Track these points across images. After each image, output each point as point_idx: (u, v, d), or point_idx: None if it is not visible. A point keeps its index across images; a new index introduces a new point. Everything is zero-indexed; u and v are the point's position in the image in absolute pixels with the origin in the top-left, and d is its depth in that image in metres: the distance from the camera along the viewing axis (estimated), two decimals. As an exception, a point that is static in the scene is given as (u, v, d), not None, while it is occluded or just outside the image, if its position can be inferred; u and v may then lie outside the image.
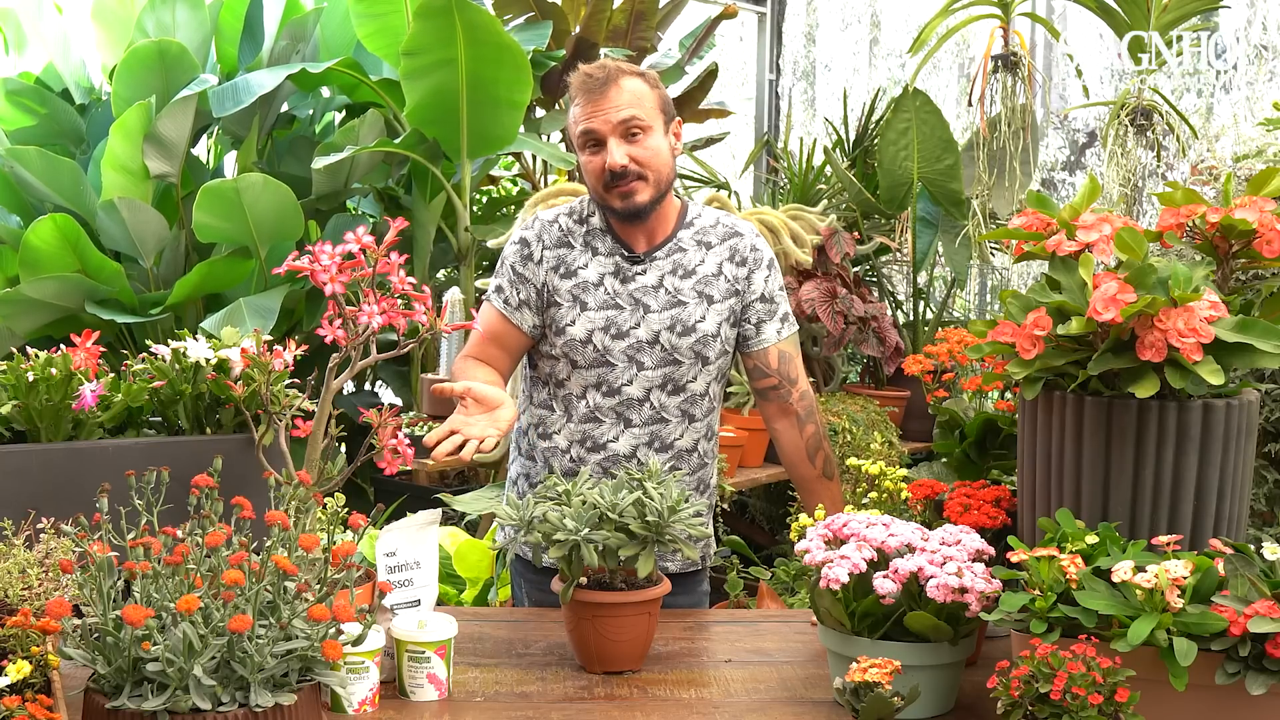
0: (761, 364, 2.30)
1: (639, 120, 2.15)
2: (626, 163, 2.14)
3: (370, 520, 1.74)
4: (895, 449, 4.38)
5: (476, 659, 1.89)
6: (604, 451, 2.23)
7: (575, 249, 2.24)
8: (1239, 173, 3.42)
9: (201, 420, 2.04)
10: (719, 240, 2.28)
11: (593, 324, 2.20)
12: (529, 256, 2.25)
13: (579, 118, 2.18)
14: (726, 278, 2.26)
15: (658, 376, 2.22)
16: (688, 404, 2.25)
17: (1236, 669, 1.41)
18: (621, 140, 2.15)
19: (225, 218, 4.15)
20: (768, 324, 2.29)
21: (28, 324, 4.14)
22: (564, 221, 2.27)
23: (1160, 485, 1.63)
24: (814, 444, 2.33)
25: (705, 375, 2.26)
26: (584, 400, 2.23)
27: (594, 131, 2.16)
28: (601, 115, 2.15)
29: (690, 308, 2.22)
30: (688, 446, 2.27)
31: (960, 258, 4.78)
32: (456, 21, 4.04)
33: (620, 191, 2.16)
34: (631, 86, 2.16)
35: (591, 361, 2.21)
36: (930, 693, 1.66)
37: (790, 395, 2.32)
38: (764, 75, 6.33)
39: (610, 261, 2.24)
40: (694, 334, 2.22)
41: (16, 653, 1.45)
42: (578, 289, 2.22)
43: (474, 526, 3.96)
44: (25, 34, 4.87)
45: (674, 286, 2.23)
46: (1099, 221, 1.71)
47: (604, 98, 2.14)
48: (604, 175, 2.16)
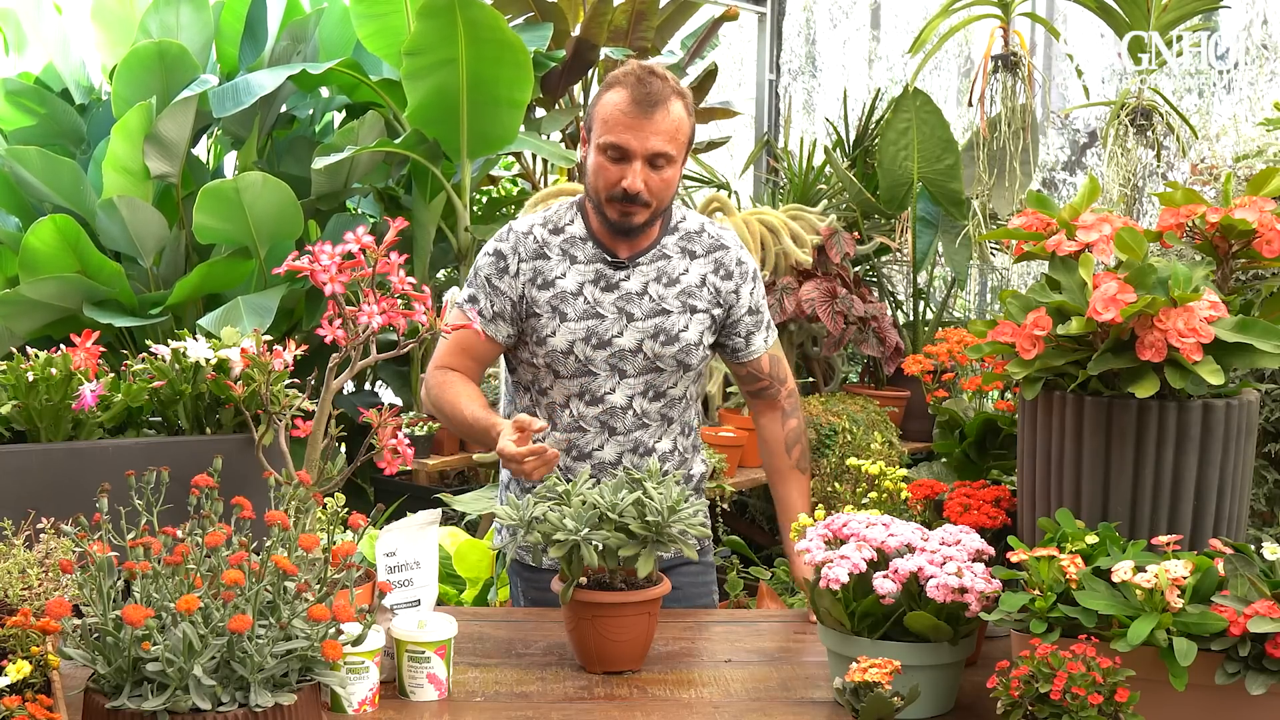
0: (755, 371, 2.34)
1: (669, 154, 2.12)
2: (642, 189, 2.12)
3: (370, 520, 1.74)
4: (895, 449, 4.38)
5: (476, 659, 1.89)
6: (590, 460, 2.25)
7: (551, 259, 2.22)
8: (1239, 173, 3.42)
9: (201, 420, 2.04)
10: (704, 251, 2.27)
11: (573, 334, 2.19)
12: (504, 269, 2.23)
13: (614, 123, 2.10)
14: (710, 289, 2.26)
15: (640, 384, 2.23)
16: (667, 408, 2.27)
17: (1236, 669, 1.41)
18: (645, 166, 2.12)
19: (225, 218, 4.15)
20: (757, 334, 2.32)
21: (27, 325, 4.14)
22: (538, 233, 2.25)
23: (1160, 485, 1.63)
24: (794, 437, 2.37)
25: (685, 381, 2.28)
26: (567, 409, 2.24)
27: (625, 148, 2.11)
28: (640, 136, 2.09)
29: (674, 317, 2.22)
30: (667, 449, 2.29)
31: (960, 258, 4.78)
32: (459, 20, 4.04)
33: (623, 210, 2.14)
34: (677, 115, 2.12)
35: (574, 371, 2.21)
36: (930, 693, 1.66)
37: (779, 393, 2.37)
38: (764, 75, 6.33)
39: (591, 269, 2.22)
40: (677, 343, 2.22)
41: (16, 653, 1.45)
42: (556, 299, 2.20)
43: (474, 526, 3.96)
44: (25, 34, 4.88)
45: (658, 294, 2.22)
46: (1099, 221, 1.71)
47: (649, 119, 2.09)
48: (614, 189, 2.13)
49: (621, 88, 2.11)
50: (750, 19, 6.29)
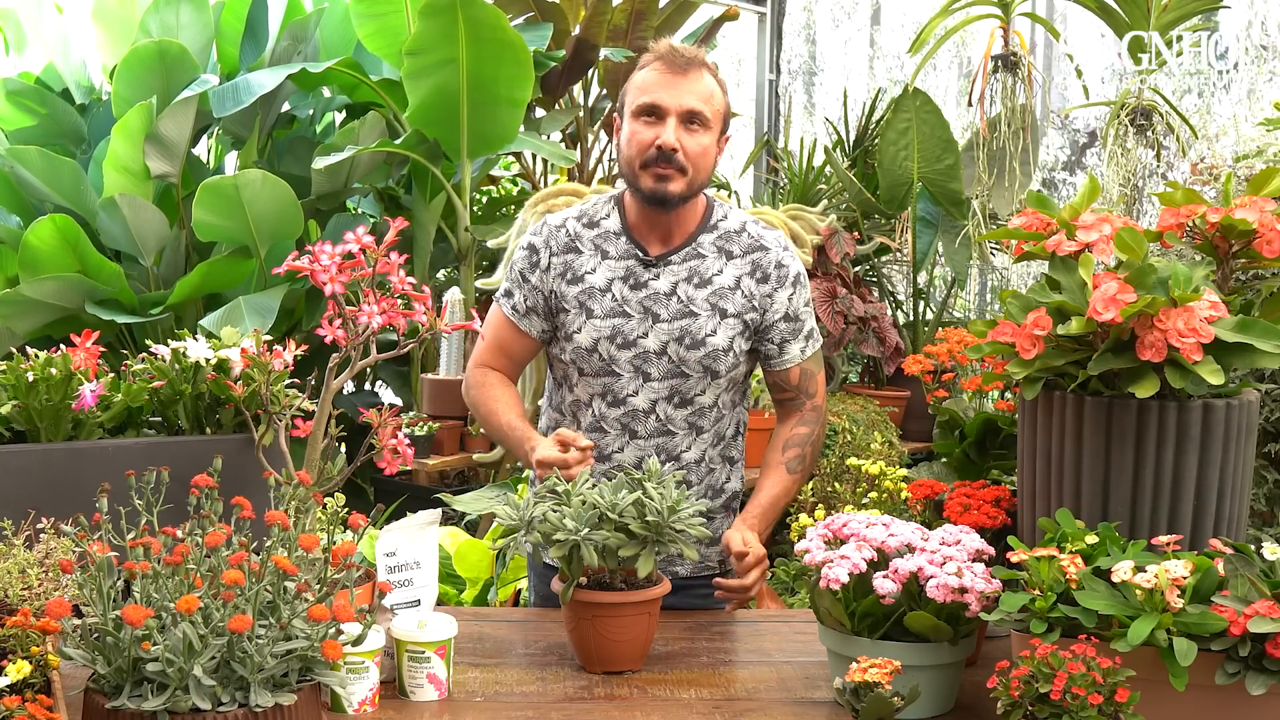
0: (782, 381, 2.25)
1: (704, 115, 2.10)
2: (678, 147, 2.08)
3: (370, 520, 1.73)
4: (895, 449, 4.38)
5: (476, 659, 1.89)
6: (610, 462, 2.19)
7: (584, 254, 2.19)
8: (1239, 173, 3.42)
9: (201, 420, 2.04)
10: (742, 252, 2.20)
11: (598, 332, 2.15)
12: (536, 263, 2.21)
13: (648, 86, 2.10)
14: (744, 293, 2.18)
15: (664, 389, 2.16)
16: (695, 416, 2.20)
17: (1236, 669, 1.41)
18: (680, 125, 2.10)
19: (225, 215, 4.15)
20: (791, 343, 2.22)
21: (27, 324, 4.14)
22: (572, 225, 2.22)
23: (1160, 485, 1.63)
24: (796, 440, 2.26)
25: (714, 389, 2.19)
26: (590, 409, 2.20)
27: (659, 106, 2.09)
28: (674, 93, 2.09)
29: (701, 320, 2.15)
30: (695, 458, 2.21)
31: (960, 258, 4.78)
32: (459, 19, 4.04)
33: (657, 173, 2.10)
34: (710, 82, 2.13)
35: (597, 370, 2.17)
36: (930, 693, 1.66)
37: (803, 404, 2.28)
38: (764, 75, 6.33)
39: (622, 266, 2.18)
40: (703, 347, 2.15)
41: (16, 653, 1.45)
42: (584, 295, 2.17)
43: (474, 526, 3.96)
44: (25, 34, 4.88)
45: (687, 295, 2.16)
46: (1099, 221, 1.71)
47: (684, 77, 2.10)
48: (649, 150, 2.09)
49: (653, 58, 2.14)
50: (750, 19, 6.29)
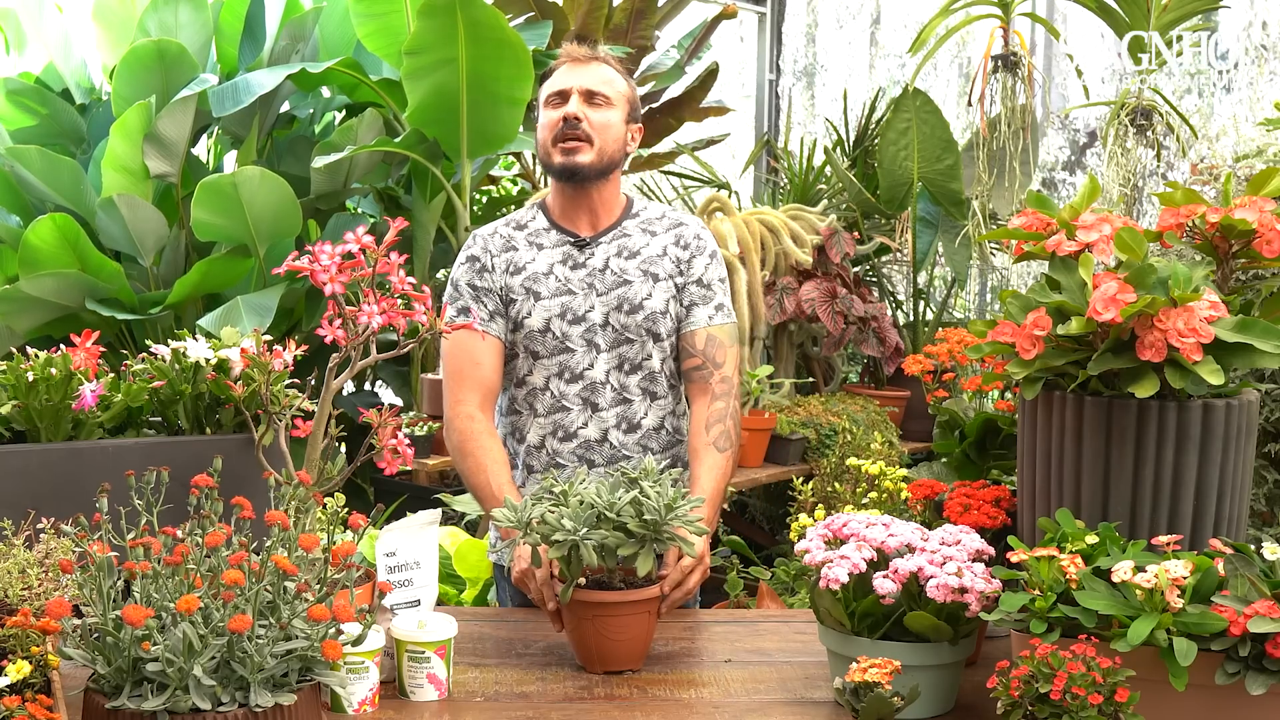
0: (688, 345, 2.32)
1: (604, 95, 2.28)
2: (582, 118, 2.25)
3: (370, 520, 1.74)
4: (895, 449, 4.38)
5: (476, 659, 1.89)
6: (576, 439, 2.27)
7: (520, 249, 2.32)
8: (1239, 173, 3.42)
9: (201, 420, 2.04)
10: (665, 229, 2.36)
11: (549, 311, 2.26)
12: (483, 268, 2.31)
13: (554, 79, 2.31)
14: (671, 258, 2.32)
15: (614, 357, 2.27)
16: (647, 381, 2.30)
17: (1236, 669, 1.41)
18: (583, 100, 2.27)
19: (223, 214, 4.15)
20: (700, 308, 2.32)
21: (27, 322, 4.14)
22: (503, 230, 2.35)
23: (1160, 485, 1.63)
24: (715, 417, 2.28)
25: (659, 352, 2.30)
26: (548, 391, 2.28)
27: (563, 89, 2.28)
28: (574, 77, 2.28)
29: (635, 286, 2.28)
30: (654, 424, 2.31)
31: (960, 258, 4.78)
32: (459, 18, 4.04)
33: (565, 147, 2.25)
34: (611, 71, 2.32)
35: (552, 349, 2.27)
36: (930, 693, 1.66)
37: (711, 376, 2.31)
38: (764, 75, 6.33)
39: (559, 251, 2.31)
40: (641, 311, 2.27)
41: (16, 653, 1.45)
42: (529, 280, 2.28)
43: (474, 526, 3.96)
44: (25, 34, 4.88)
45: (620, 267, 2.30)
46: (1099, 221, 1.71)
47: (584, 67, 2.29)
48: (556, 127, 2.26)
49: (561, 57, 2.34)
50: (750, 19, 6.29)
